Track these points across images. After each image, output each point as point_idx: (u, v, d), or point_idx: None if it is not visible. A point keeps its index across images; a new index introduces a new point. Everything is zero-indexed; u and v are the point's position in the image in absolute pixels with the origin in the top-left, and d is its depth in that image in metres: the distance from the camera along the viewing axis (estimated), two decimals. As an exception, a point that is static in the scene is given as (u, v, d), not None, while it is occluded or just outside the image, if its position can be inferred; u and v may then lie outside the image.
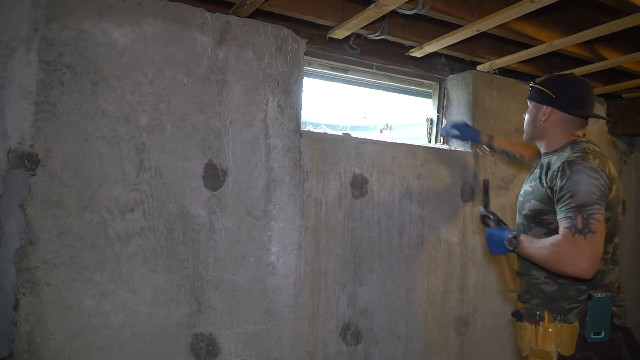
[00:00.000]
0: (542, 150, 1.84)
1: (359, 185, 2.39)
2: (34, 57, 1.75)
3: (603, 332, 1.61)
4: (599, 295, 1.61)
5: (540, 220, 1.72)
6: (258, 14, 2.12)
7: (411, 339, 2.53)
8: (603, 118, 1.93)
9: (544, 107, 1.77)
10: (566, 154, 1.68)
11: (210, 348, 2.03)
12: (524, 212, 1.78)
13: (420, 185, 2.55)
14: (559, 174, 1.60)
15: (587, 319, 1.61)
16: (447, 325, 2.65)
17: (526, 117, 1.87)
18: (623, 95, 3.25)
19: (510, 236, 1.73)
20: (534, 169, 1.84)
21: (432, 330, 2.59)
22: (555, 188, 1.62)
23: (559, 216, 1.59)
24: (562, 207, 1.58)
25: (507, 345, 2.83)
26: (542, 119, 1.78)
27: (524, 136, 1.91)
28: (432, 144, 2.83)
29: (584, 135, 1.79)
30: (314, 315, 2.27)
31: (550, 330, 1.66)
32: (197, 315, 2.01)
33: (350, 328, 2.37)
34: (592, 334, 1.60)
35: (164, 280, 1.94)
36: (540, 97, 1.79)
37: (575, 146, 1.71)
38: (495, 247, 1.81)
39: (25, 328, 1.72)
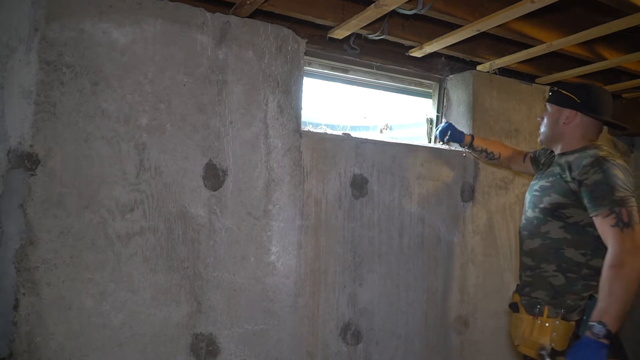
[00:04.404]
0: (558, 151, 1.90)
1: (359, 185, 2.39)
2: (34, 57, 1.75)
3: None
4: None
5: (559, 214, 1.76)
6: (258, 14, 2.12)
7: (411, 339, 2.53)
8: (623, 127, 1.96)
9: (567, 110, 1.84)
10: (590, 152, 1.74)
11: (210, 348, 2.03)
12: (541, 206, 1.81)
13: (420, 185, 2.55)
14: (592, 169, 1.66)
15: (584, 317, 1.66)
16: (447, 325, 2.65)
17: (545, 119, 1.93)
18: (623, 95, 3.25)
19: (600, 335, 1.51)
20: (548, 167, 1.90)
21: (432, 330, 2.59)
22: (586, 182, 1.66)
23: (598, 210, 1.62)
24: (602, 200, 1.62)
25: (507, 345, 2.83)
26: (564, 122, 1.85)
27: (541, 138, 1.97)
28: (432, 144, 2.83)
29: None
30: (314, 315, 2.27)
31: (547, 324, 1.70)
32: (197, 315, 2.01)
33: (350, 328, 2.37)
34: (585, 332, 1.63)
35: (164, 280, 1.94)
36: (563, 101, 1.86)
37: (597, 148, 1.77)
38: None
39: (25, 328, 1.72)
